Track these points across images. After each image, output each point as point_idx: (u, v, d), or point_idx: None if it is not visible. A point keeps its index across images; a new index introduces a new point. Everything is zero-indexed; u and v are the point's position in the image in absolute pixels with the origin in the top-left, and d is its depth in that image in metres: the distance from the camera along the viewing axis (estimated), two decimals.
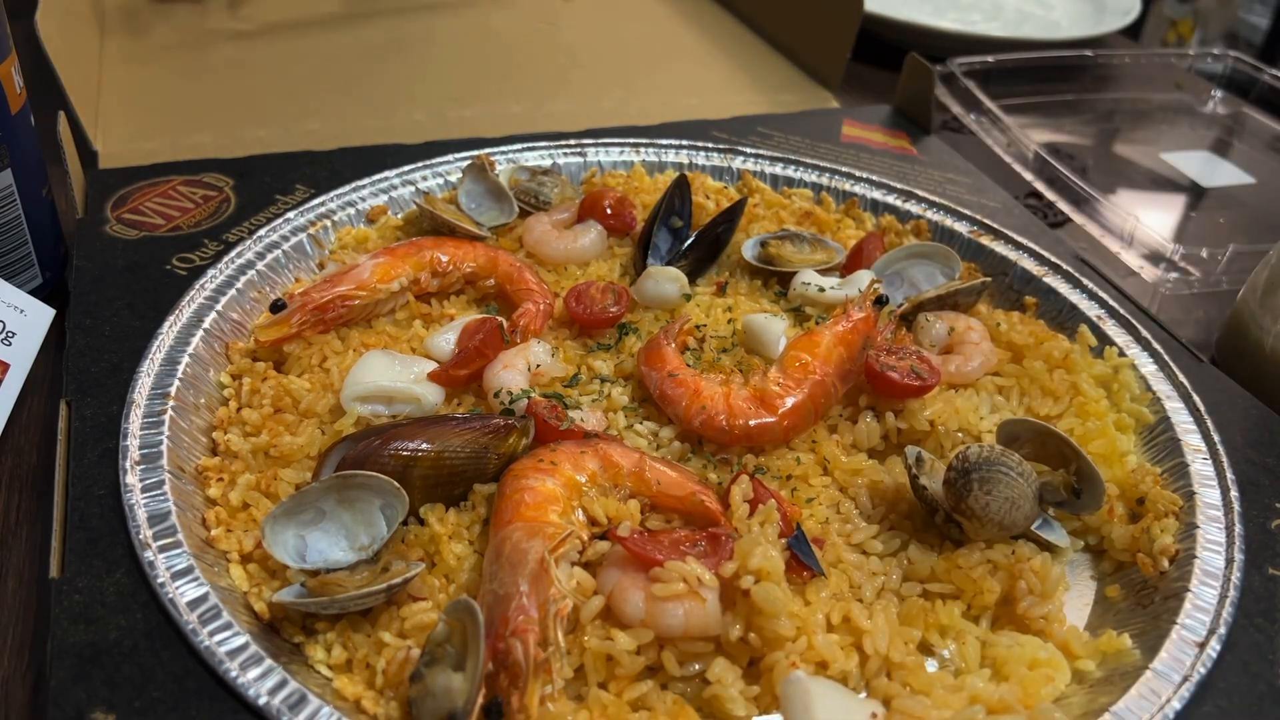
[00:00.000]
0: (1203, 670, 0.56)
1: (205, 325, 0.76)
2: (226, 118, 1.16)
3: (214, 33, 1.36)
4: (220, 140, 1.09)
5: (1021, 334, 0.80)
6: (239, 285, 0.81)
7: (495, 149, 1.01)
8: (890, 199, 1.00)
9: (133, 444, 0.64)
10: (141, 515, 0.59)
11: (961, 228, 0.96)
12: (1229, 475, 0.69)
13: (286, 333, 0.76)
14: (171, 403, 0.68)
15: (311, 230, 0.89)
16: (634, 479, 0.64)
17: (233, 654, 0.53)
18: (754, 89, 1.34)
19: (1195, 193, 1.20)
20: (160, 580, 0.56)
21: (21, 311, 0.77)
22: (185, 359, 0.72)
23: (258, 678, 0.52)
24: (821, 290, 0.84)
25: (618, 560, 0.57)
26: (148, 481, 0.62)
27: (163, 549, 0.58)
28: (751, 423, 0.68)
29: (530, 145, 1.03)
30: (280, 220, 0.88)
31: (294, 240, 0.87)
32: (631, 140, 1.06)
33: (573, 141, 1.05)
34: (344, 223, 0.92)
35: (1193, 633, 0.58)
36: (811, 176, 1.04)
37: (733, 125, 1.12)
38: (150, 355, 0.72)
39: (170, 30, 1.36)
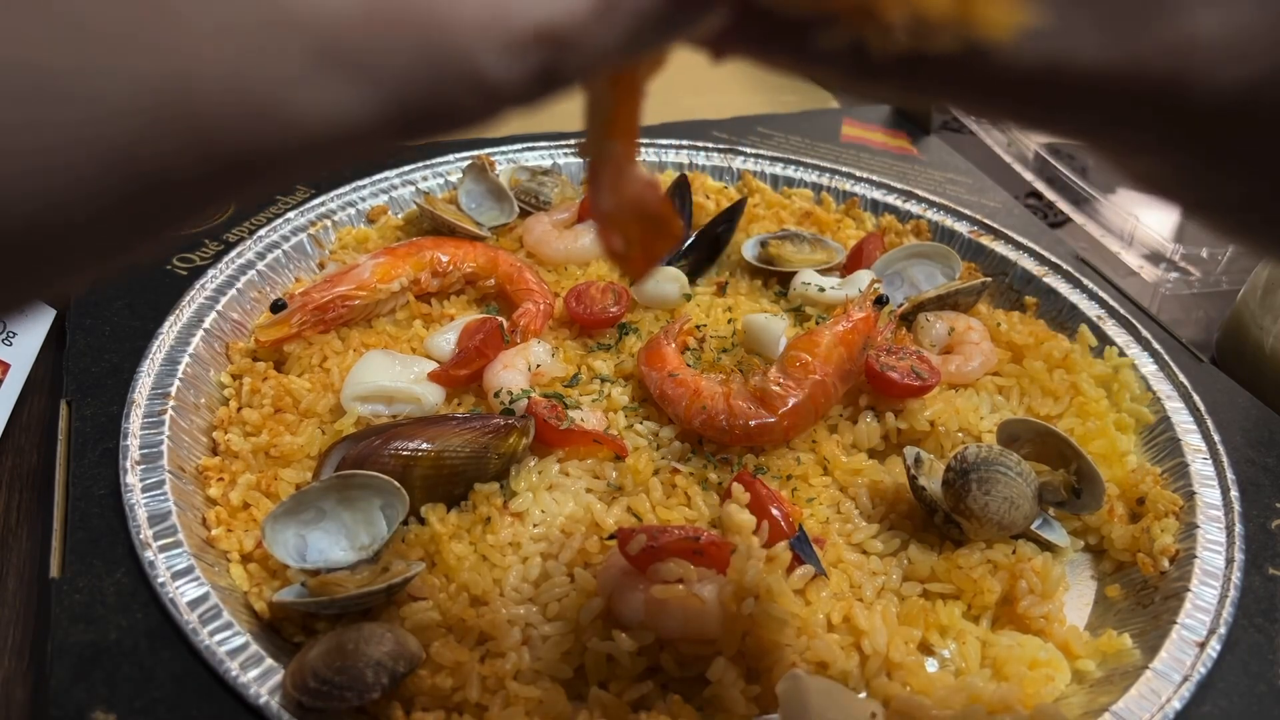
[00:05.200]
0: (1203, 670, 0.56)
1: (205, 325, 0.76)
2: None
3: None
4: None
5: (1021, 334, 0.80)
6: (239, 285, 0.81)
7: (495, 149, 1.01)
8: (890, 199, 1.00)
9: (133, 444, 0.64)
10: (142, 515, 0.59)
11: (961, 228, 0.96)
12: (1229, 475, 0.69)
13: (287, 332, 0.76)
14: (172, 403, 0.68)
15: (312, 230, 0.89)
16: None
17: (233, 654, 0.53)
18: (754, 89, 1.34)
19: None
20: (160, 580, 0.56)
21: (22, 311, 0.77)
22: (185, 359, 0.72)
23: (258, 678, 0.52)
24: (821, 290, 0.84)
25: (618, 560, 0.57)
26: (148, 481, 0.62)
27: (163, 549, 0.58)
28: (752, 423, 0.68)
29: (530, 145, 1.03)
30: (280, 220, 0.88)
31: (294, 240, 0.87)
32: None
33: (573, 141, 1.05)
34: (344, 223, 0.92)
35: (1193, 632, 0.58)
36: (811, 176, 1.04)
37: (733, 125, 1.12)
38: (150, 355, 0.72)
39: None
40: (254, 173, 0.21)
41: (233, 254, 0.83)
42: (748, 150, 1.06)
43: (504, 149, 1.02)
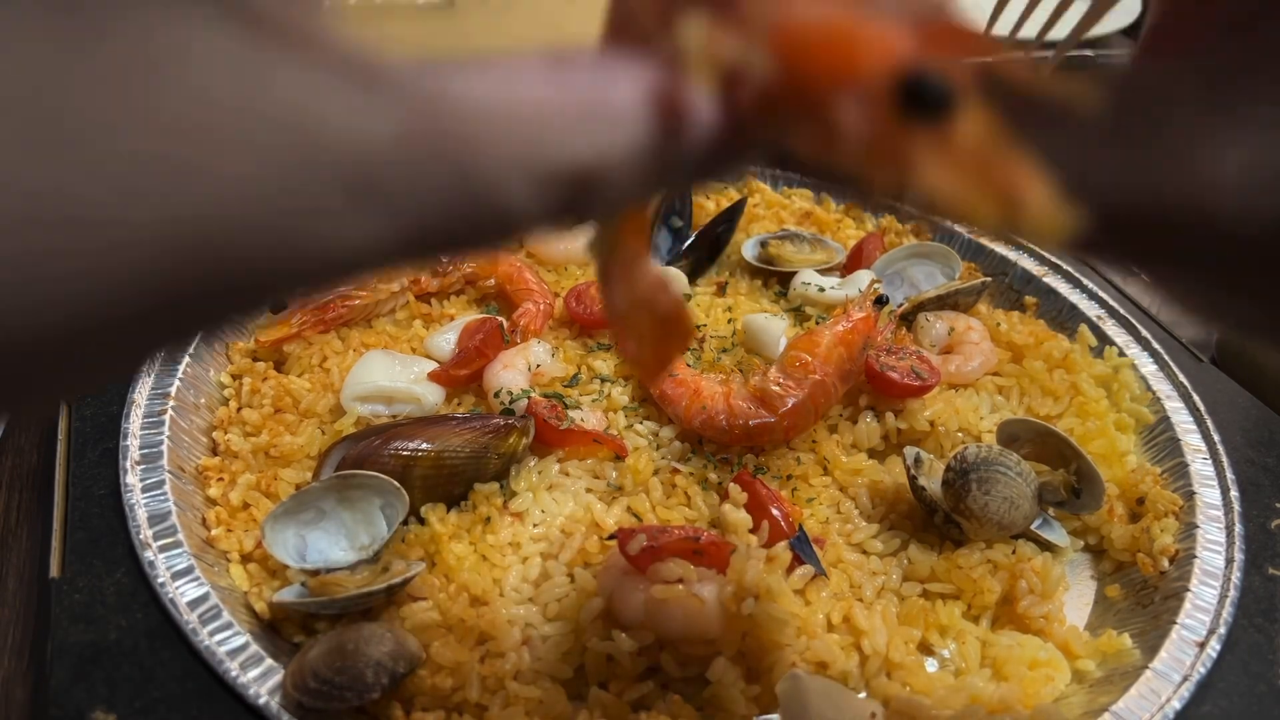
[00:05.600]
0: (1203, 670, 0.56)
1: None
2: None
3: None
4: None
5: (1021, 334, 0.80)
6: None
7: None
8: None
9: (133, 444, 0.64)
10: (142, 515, 0.59)
11: (961, 228, 0.96)
12: (1229, 475, 0.69)
13: (287, 333, 0.76)
14: (171, 403, 0.68)
15: None
16: None
17: (233, 654, 0.53)
18: None
19: None
20: (160, 580, 0.56)
21: None
22: (185, 359, 0.72)
23: (258, 678, 0.52)
24: (821, 290, 0.84)
25: (618, 560, 0.57)
26: (148, 481, 0.62)
27: (163, 549, 0.58)
28: (751, 423, 0.68)
29: None
30: None
31: None
32: None
33: None
34: None
35: (1193, 632, 0.58)
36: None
37: None
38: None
39: None
40: (268, 296, 0.21)
41: None
42: None
43: None
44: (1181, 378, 0.78)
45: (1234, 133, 0.22)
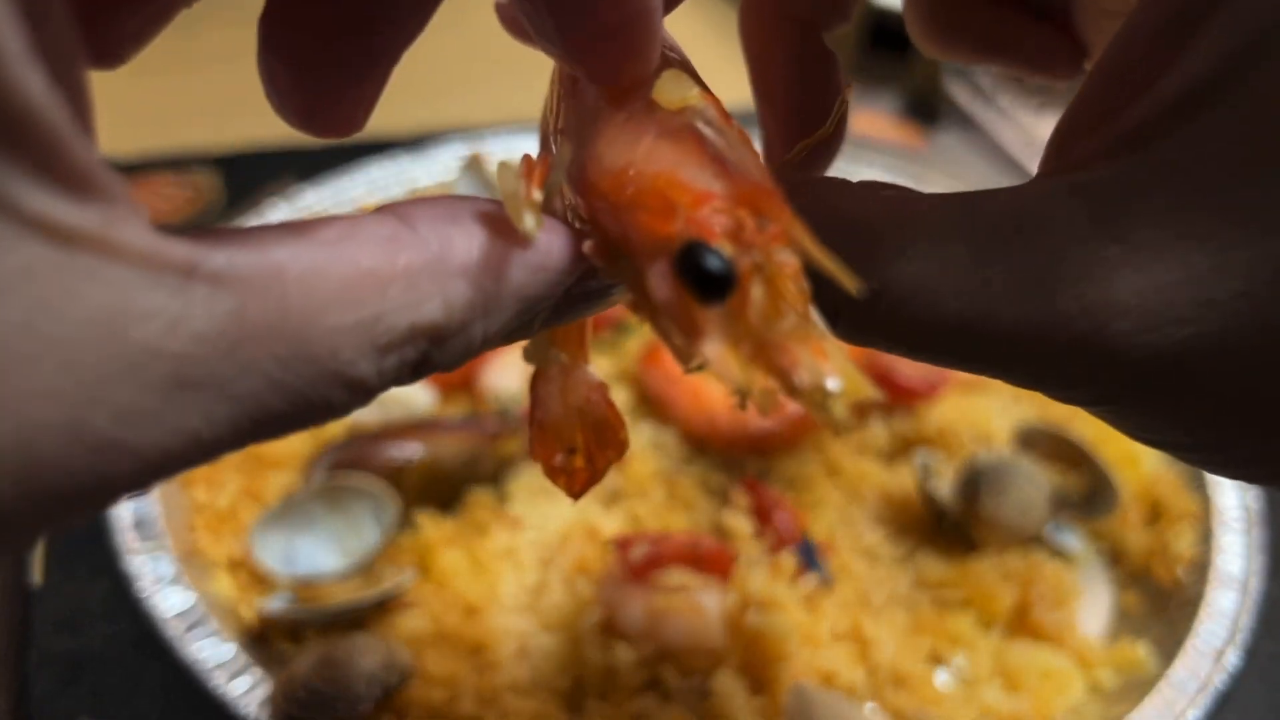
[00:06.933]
0: (1220, 679, 0.55)
1: None
2: (214, 111, 1.14)
3: (200, 23, 1.34)
4: (207, 134, 1.08)
5: None
6: None
7: (491, 142, 1.00)
8: None
9: None
10: (127, 520, 0.58)
11: None
12: None
13: None
14: None
15: None
16: None
17: (221, 664, 0.51)
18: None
19: None
20: (146, 587, 0.55)
21: None
22: None
23: (246, 688, 0.51)
24: None
25: (618, 569, 0.56)
26: None
27: (149, 554, 0.56)
28: (755, 426, 0.67)
29: (529, 138, 1.02)
30: (271, 216, 0.86)
31: None
32: None
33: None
34: None
35: (1210, 641, 0.57)
36: None
37: (735, 118, 1.10)
38: None
39: None
40: (95, 503, 0.19)
41: None
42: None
43: (501, 142, 1.00)
44: None
45: (1127, 258, 0.22)
